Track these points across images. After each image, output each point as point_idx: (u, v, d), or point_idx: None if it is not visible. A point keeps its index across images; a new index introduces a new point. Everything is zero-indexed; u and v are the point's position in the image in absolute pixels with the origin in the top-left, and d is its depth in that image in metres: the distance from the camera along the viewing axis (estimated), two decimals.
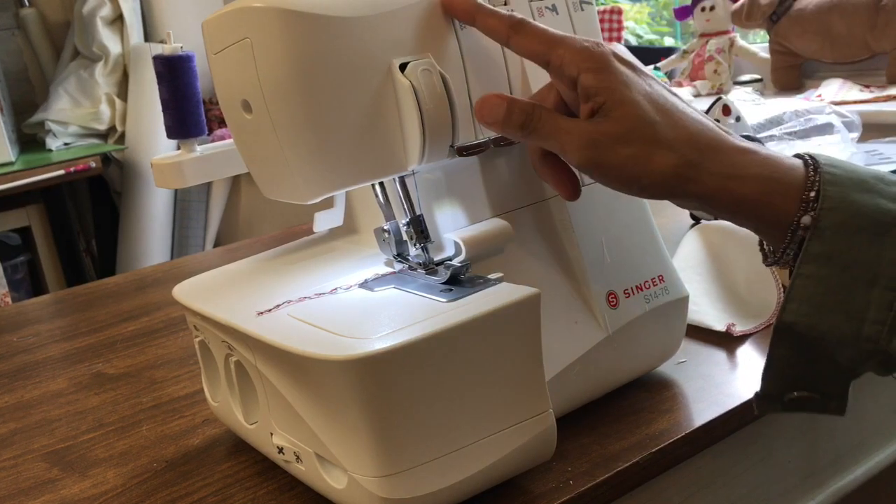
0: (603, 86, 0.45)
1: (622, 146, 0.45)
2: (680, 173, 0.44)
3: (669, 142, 0.44)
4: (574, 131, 0.46)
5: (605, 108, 0.45)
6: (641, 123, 0.45)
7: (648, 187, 0.45)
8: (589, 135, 0.45)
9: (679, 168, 0.44)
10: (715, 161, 0.45)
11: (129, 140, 2.54)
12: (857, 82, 1.91)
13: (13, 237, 2.48)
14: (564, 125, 0.46)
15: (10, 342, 0.87)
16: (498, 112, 0.48)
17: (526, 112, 0.47)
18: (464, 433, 0.45)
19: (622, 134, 0.45)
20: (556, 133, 0.46)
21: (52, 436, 0.64)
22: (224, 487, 0.54)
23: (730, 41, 2.24)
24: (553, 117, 0.47)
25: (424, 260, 0.52)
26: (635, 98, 0.45)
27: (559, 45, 0.46)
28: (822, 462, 0.69)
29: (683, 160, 0.44)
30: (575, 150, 0.46)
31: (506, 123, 0.48)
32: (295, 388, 0.47)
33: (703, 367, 0.62)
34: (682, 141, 0.45)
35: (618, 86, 0.45)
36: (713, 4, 2.25)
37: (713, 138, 0.45)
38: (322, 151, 0.47)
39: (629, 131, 0.45)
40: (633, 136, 0.44)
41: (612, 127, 0.45)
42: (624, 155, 0.45)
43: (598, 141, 0.45)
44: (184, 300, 0.56)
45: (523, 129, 0.47)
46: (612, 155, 0.45)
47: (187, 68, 0.66)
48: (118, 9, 2.55)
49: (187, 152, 0.66)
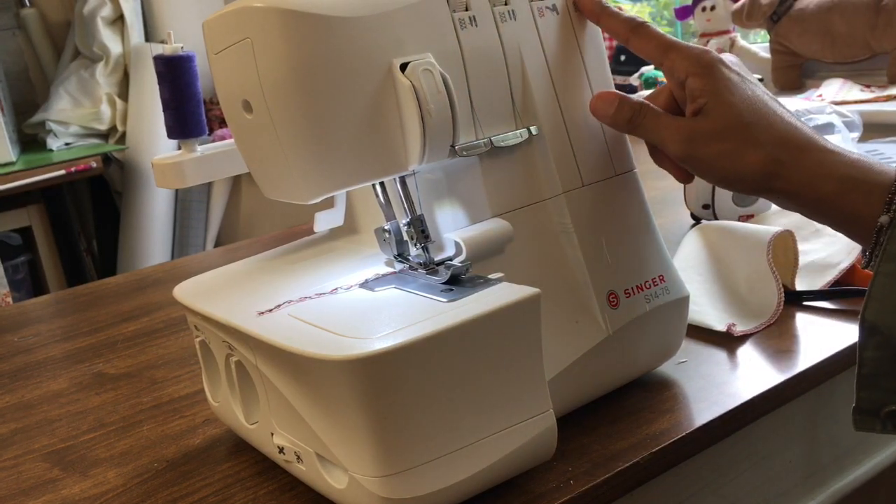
0: (707, 88, 0.50)
1: (717, 142, 0.49)
2: (768, 170, 0.49)
3: (761, 141, 0.49)
4: (674, 127, 0.51)
5: (706, 108, 0.50)
6: (737, 123, 0.49)
7: (738, 181, 0.50)
8: (687, 130, 0.50)
9: (767, 165, 0.48)
10: (802, 160, 0.48)
11: (130, 140, 2.54)
12: (858, 82, 1.91)
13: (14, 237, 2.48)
14: (665, 121, 0.51)
15: (11, 342, 0.87)
16: (609, 107, 0.53)
17: (634, 109, 0.52)
18: (464, 433, 0.45)
19: (718, 131, 0.49)
20: (658, 128, 0.52)
21: (53, 436, 0.64)
22: (225, 487, 0.54)
23: (730, 41, 2.24)
24: (656, 114, 0.52)
25: (425, 260, 0.52)
26: (734, 101, 0.50)
27: (672, 49, 0.52)
28: (822, 462, 0.69)
29: (772, 158, 0.48)
30: (674, 143, 0.51)
31: (615, 118, 0.53)
32: (296, 388, 0.47)
33: (703, 367, 0.62)
34: (772, 141, 0.49)
35: (720, 89, 0.50)
36: (714, 4, 2.24)
37: (803, 139, 0.49)
38: (322, 151, 0.47)
39: (724, 129, 0.49)
40: (727, 133, 0.49)
41: (710, 124, 0.50)
42: (717, 150, 0.49)
43: (695, 136, 0.50)
44: (184, 300, 0.56)
45: (630, 124, 0.53)
46: (706, 149, 0.50)
47: (188, 68, 0.66)
48: (119, 9, 2.55)
49: (188, 152, 0.66)
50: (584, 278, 0.56)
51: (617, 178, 0.58)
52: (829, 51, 2.02)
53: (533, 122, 0.54)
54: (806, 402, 0.65)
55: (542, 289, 0.46)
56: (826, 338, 0.65)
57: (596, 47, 0.58)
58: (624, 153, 0.59)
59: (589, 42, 0.57)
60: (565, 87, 0.56)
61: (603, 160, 0.57)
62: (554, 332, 0.53)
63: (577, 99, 0.56)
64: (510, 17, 0.53)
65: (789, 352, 0.64)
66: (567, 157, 0.56)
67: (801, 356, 0.63)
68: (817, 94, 1.86)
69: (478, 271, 0.51)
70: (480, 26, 0.52)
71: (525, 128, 0.54)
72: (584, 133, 0.57)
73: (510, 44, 0.53)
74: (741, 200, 0.89)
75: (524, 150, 0.55)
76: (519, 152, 0.55)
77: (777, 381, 0.59)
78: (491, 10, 0.53)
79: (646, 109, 0.52)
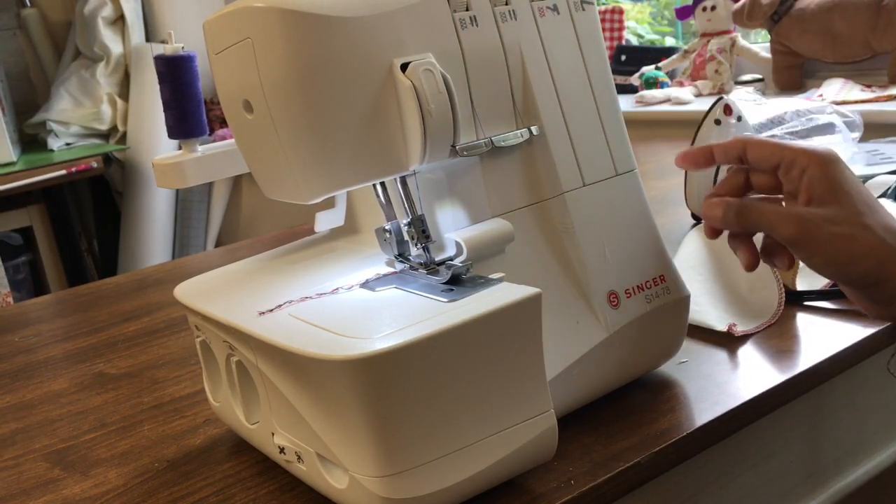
0: (826, 179, 0.53)
1: (831, 225, 0.52)
2: (880, 255, 0.51)
3: (872, 227, 0.52)
4: (783, 213, 0.54)
5: (822, 196, 0.53)
6: (850, 210, 0.52)
7: (849, 263, 0.52)
8: (801, 215, 0.53)
9: (879, 249, 0.52)
10: None
11: (131, 140, 2.55)
12: (859, 82, 1.91)
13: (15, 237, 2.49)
14: (771, 209, 0.54)
15: (12, 342, 0.87)
16: (718, 215, 0.56)
17: (739, 209, 0.55)
18: (465, 433, 0.45)
19: (832, 216, 0.52)
20: (764, 218, 0.54)
21: (54, 436, 0.64)
22: (225, 487, 0.54)
23: (731, 41, 2.24)
24: (760, 205, 0.55)
25: (426, 260, 0.52)
26: (848, 191, 0.53)
27: (789, 146, 0.56)
28: (822, 462, 0.69)
29: (884, 243, 0.52)
30: (785, 227, 0.53)
31: (725, 222, 0.56)
32: (296, 388, 0.47)
33: (704, 367, 0.62)
34: (883, 228, 0.52)
35: (839, 181, 0.53)
36: (714, 4, 2.24)
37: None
38: (323, 151, 0.47)
39: (838, 215, 0.52)
40: (841, 218, 0.52)
41: (825, 211, 0.53)
42: (831, 233, 0.52)
43: (809, 220, 0.52)
44: (185, 300, 0.56)
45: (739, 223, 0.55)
46: (820, 232, 0.52)
47: (189, 68, 0.66)
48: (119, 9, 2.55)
49: (188, 152, 0.66)
50: (584, 278, 0.56)
51: (618, 177, 0.58)
52: (829, 51, 2.02)
53: (534, 121, 0.54)
54: (807, 402, 0.65)
55: (543, 289, 0.46)
56: (827, 338, 0.65)
57: (596, 47, 0.58)
58: (625, 153, 0.59)
59: (589, 41, 0.57)
60: (566, 86, 0.56)
61: (604, 160, 0.57)
62: (554, 333, 0.53)
63: (577, 99, 0.56)
64: (511, 17, 0.53)
65: (790, 352, 0.64)
66: (568, 157, 0.56)
67: (801, 356, 0.63)
68: (818, 94, 1.86)
69: (478, 271, 0.51)
70: (481, 26, 0.52)
71: (526, 127, 0.54)
72: (585, 133, 0.57)
73: (511, 44, 0.53)
74: None
75: (525, 150, 0.55)
76: (519, 152, 0.55)
77: (778, 381, 0.59)
78: (491, 10, 0.53)
79: (750, 205, 0.55)
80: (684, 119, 2.01)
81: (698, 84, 2.23)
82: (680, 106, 2.12)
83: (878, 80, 1.93)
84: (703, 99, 2.15)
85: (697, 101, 2.14)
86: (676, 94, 2.15)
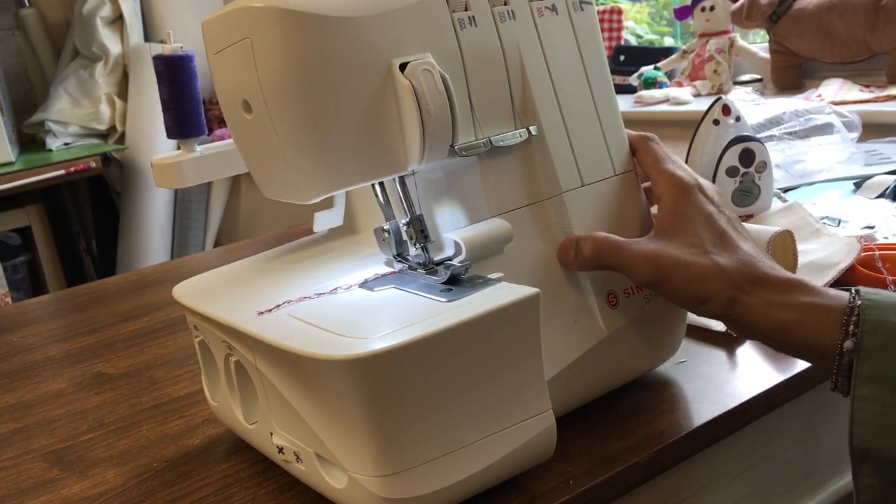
0: (675, 208, 0.53)
1: (681, 270, 0.51)
2: (729, 296, 0.50)
3: (722, 266, 0.50)
4: (640, 255, 0.52)
5: (668, 226, 0.53)
6: (699, 252, 0.51)
7: (700, 304, 0.51)
8: (654, 260, 0.51)
9: (729, 292, 0.50)
10: (762, 289, 0.50)
11: (129, 140, 2.55)
12: (857, 82, 1.92)
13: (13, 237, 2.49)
14: (627, 251, 0.52)
15: (11, 342, 0.87)
16: (569, 252, 0.54)
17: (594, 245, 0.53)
18: (464, 433, 0.45)
19: (680, 260, 0.51)
20: (622, 260, 0.53)
21: (53, 436, 0.64)
22: (224, 487, 0.54)
23: (730, 41, 2.24)
24: (618, 246, 0.53)
25: (424, 260, 0.52)
26: (697, 224, 0.52)
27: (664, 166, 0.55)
28: (821, 462, 0.69)
29: (734, 286, 0.50)
30: (640, 272, 0.52)
31: (577, 261, 0.54)
32: (295, 388, 0.47)
33: (702, 367, 0.63)
34: (734, 269, 0.50)
35: (684, 212, 0.53)
36: (713, 4, 2.25)
37: (763, 271, 0.51)
38: (322, 151, 0.47)
39: (687, 257, 0.51)
40: (690, 262, 0.51)
41: (674, 252, 0.51)
42: (682, 277, 0.51)
43: (660, 265, 0.51)
44: (184, 300, 0.56)
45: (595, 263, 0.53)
46: (674, 275, 0.51)
47: (187, 68, 0.66)
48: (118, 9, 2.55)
49: (187, 152, 0.66)
50: (583, 278, 0.56)
51: (616, 178, 0.58)
52: (828, 51, 2.02)
53: (532, 121, 0.55)
54: (805, 403, 0.65)
55: (542, 289, 0.46)
56: None
57: (595, 47, 0.58)
58: (624, 153, 0.59)
59: (588, 42, 0.57)
60: (565, 86, 0.56)
61: (602, 160, 0.58)
62: (553, 332, 0.53)
63: (576, 99, 0.56)
64: (510, 17, 0.53)
65: None
66: (566, 157, 0.56)
67: None
68: (816, 94, 1.87)
69: (477, 271, 0.51)
70: (480, 26, 0.52)
71: (524, 128, 0.54)
72: (584, 133, 0.57)
73: (510, 44, 0.53)
74: (740, 200, 0.89)
75: (523, 150, 0.55)
76: (518, 152, 0.55)
77: (776, 381, 0.59)
78: (490, 10, 0.53)
79: (607, 244, 0.53)
80: (683, 119, 2.02)
81: (697, 84, 2.23)
82: (678, 106, 2.13)
83: (877, 81, 1.93)
84: (702, 99, 2.15)
85: (696, 101, 2.14)
86: (675, 95, 2.16)
